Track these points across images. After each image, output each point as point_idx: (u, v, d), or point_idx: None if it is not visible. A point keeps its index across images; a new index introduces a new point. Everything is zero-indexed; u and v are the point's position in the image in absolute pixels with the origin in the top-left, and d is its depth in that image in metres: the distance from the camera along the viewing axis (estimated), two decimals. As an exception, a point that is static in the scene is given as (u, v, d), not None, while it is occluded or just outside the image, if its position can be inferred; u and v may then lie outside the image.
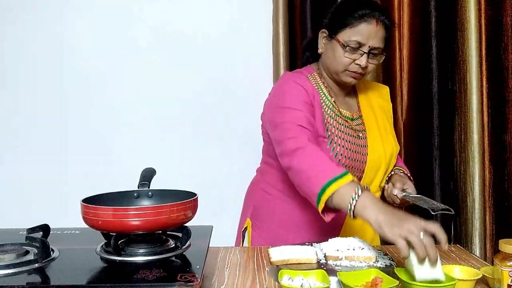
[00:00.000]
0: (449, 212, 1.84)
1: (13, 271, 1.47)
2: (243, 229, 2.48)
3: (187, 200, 1.66)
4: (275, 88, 2.37)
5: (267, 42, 3.07)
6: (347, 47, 2.15)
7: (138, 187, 1.89)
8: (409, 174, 2.36)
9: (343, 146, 2.20)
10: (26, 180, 3.19)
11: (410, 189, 2.14)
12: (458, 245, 2.32)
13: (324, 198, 1.82)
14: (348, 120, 2.30)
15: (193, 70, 3.17)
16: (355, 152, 2.24)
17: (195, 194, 1.74)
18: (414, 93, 2.99)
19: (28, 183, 3.19)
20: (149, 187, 1.89)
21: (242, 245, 2.43)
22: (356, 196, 1.75)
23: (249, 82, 3.00)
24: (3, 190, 3.19)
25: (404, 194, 1.97)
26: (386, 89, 2.57)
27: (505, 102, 2.92)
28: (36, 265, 1.53)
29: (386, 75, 3.00)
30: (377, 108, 2.44)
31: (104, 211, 1.58)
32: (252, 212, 2.47)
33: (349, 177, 1.84)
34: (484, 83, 2.94)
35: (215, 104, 2.98)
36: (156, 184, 1.93)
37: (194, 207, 1.70)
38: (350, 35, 2.15)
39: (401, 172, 2.35)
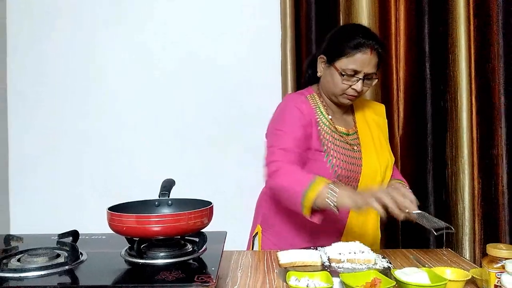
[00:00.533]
0: (450, 231, 1.85)
1: (45, 273, 1.47)
2: (254, 234, 2.50)
3: (203, 208, 1.66)
4: (277, 110, 2.38)
5: (276, 64, 3.08)
6: (344, 75, 2.18)
7: (159, 196, 1.89)
8: (407, 186, 2.35)
9: (338, 159, 2.23)
10: (57, 190, 3.20)
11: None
12: (449, 249, 2.32)
13: (307, 205, 1.97)
14: (344, 135, 2.33)
15: (210, 89, 3.18)
16: (350, 163, 2.26)
17: (211, 203, 1.74)
18: (410, 111, 2.99)
19: (59, 193, 3.20)
20: (168, 196, 1.89)
21: (253, 249, 2.44)
22: (334, 193, 1.93)
23: (261, 100, 3.00)
24: (38, 199, 3.20)
25: (406, 211, 1.97)
26: (382, 107, 2.58)
27: (492, 119, 2.91)
28: (66, 267, 1.53)
29: (384, 94, 3.00)
30: (373, 124, 2.45)
31: (128, 218, 1.58)
32: (262, 219, 2.49)
33: (321, 180, 2.00)
34: (473, 102, 2.94)
35: (230, 121, 2.98)
36: (175, 193, 1.92)
37: (209, 215, 1.70)
38: (346, 63, 2.18)
39: (399, 184, 2.34)
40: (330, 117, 2.33)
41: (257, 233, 2.48)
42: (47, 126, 3.21)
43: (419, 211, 1.88)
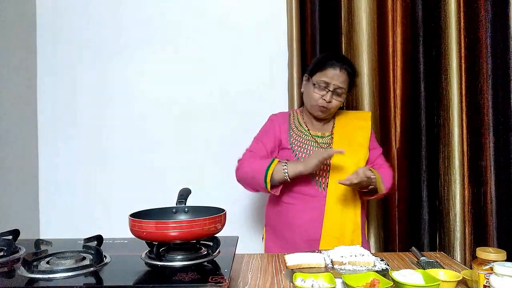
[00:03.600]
0: None
1: (72, 274, 1.48)
2: (261, 237, 2.69)
3: (217, 215, 1.65)
4: None
5: (284, 83, 3.11)
6: (316, 85, 2.45)
7: (176, 204, 1.89)
8: (375, 175, 2.39)
9: (306, 155, 2.47)
10: (83, 199, 3.21)
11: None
12: (442, 252, 2.33)
13: (268, 180, 2.34)
14: (316, 138, 2.55)
15: (225, 107, 3.20)
16: None
17: (224, 210, 1.74)
18: (406, 126, 2.99)
19: (85, 201, 3.21)
20: (185, 204, 1.89)
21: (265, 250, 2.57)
22: (285, 166, 2.33)
23: (268, 115, 3.02)
24: (66, 207, 3.21)
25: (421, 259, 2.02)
26: (367, 113, 2.74)
27: (481, 134, 2.92)
28: (91, 269, 1.53)
29: (382, 111, 3.01)
30: (352, 127, 2.61)
31: (148, 224, 1.58)
32: (266, 222, 2.65)
33: (275, 161, 2.38)
34: (464, 118, 2.94)
35: (241, 136, 2.99)
36: (191, 201, 1.92)
37: (223, 221, 1.70)
38: (319, 76, 2.45)
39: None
40: (306, 125, 2.60)
41: (263, 234, 2.66)
42: (76, 139, 3.22)
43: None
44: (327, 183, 2.43)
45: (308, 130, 2.57)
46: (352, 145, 2.50)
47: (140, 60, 3.20)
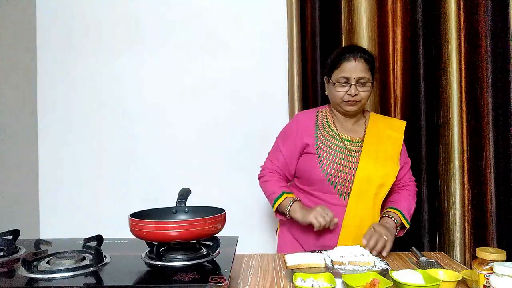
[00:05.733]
0: None
1: (72, 274, 1.48)
2: (276, 230, 2.76)
3: (217, 215, 1.66)
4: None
5: (284, 85, 3.11)
6: (337, 83, 2.39)
7: (176, 204, 1.90)
8: (397, 220, 2.34)
9: (331, 160, 2.38)
10: (83, 199, 3.21)
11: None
12: (442, 252, 2.33)
13: (274, 209, 2.47)
14: (346, 142, 2.44)
15: (227, 108, 3.19)
16: (344, 166, 2.37)
17: (224, 210, 1.74)
18: (406, 126, 2.98)
19: (85, 201, 3.21)
20: (185, 204, 1.89)
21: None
22: (289, 206, 2.37)
23: (269, 117, 3.01)
24: (66, 207, 3.21)
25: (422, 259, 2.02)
26: (401, 123, 2.59)
27: (481, 134, 2.91)
28: (91, 269, 1.53)
29: (383, 111, 3.01)
30: (384, 136, 2.49)
31: (148, 224, 1.58)
32: (281, 221, 2.61)
33: (283, 196, 2.42)
34: (464, 118, 2.94)
35: (243, 137, 2.98)
36: (191, 201, 1.92)
37: (223, 221, 1.70)
38: (337, 74, 2.40)
39: (388, 216, 2.36)
40: (335, 126, 2.49)
41: (277, 229, 2.70)
42: (76, 139, 3.22)
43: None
44: (349, 193, 2.36)
45: (337, 131, 2.47)
46: (381, 157, 2.43)
47: (140, 60, 3.21)
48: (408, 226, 2.37)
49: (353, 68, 2.36)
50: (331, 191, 2.37)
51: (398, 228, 2.32)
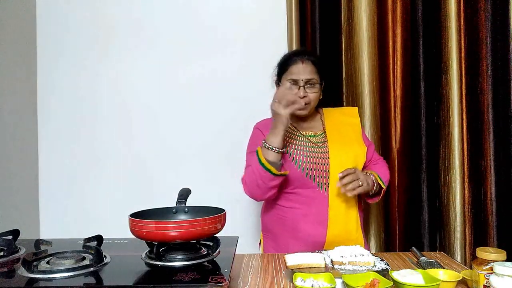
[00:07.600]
0: None
1: (72, 274, 1.48)
2: (259, 241, 2.66)
3: (217, 215, 1.65)
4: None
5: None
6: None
7: (176, 204, 1.89)
8: (374, 177, 2.40)
9: (303, 156, 2.40)
10: (83, 198, 3.21)
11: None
12: (442, 252, 2.33)
13: (270, 167, 2.22)
14: (311, 137, 2.49)
15: (223, 104, 3.21)
16: (317, 158, 2.41)
17: (224, 210, 1.74)
18: (406, 126, 2.99)
19: (85, 201, 3.21)
20: (185, 204, 1.89)
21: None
22: (264, 143, 2.27)
23: (268, 116, 3.02)
24: (66, 207, 3.21)
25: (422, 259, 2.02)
26: (354, 109, 2.72)
27: (481, 133, 2.91)
28: (91, 269, 1.53)
29: (383, 111, 3.01)
30: (342, 124, 2.59)
31: (148, 224, 1.58)
32: (262, 227, 2.61)
33: (259, 149, 2.29)
34: (464, 118, 2.94)
35: (241, 137, 3.00)
36: (191, 201, 1.92)
37: (223, 221, 1.70)
38: (286, 77, 2.46)
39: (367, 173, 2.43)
40: (294, 126, 2.53)
41: (261, 239, 2.60)
42: (76, 138, 3.22)
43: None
44: (328, 183, 2.37)
45: (298, 130, 2.52)
46: (346, 141, 2.49)
47: (139, 60, 3.21)
48: (384, 187, 2.42)
49: (301, 70, 2.41)
50: (311, 185, 2.37)
51: (375, 186, 2.38)
